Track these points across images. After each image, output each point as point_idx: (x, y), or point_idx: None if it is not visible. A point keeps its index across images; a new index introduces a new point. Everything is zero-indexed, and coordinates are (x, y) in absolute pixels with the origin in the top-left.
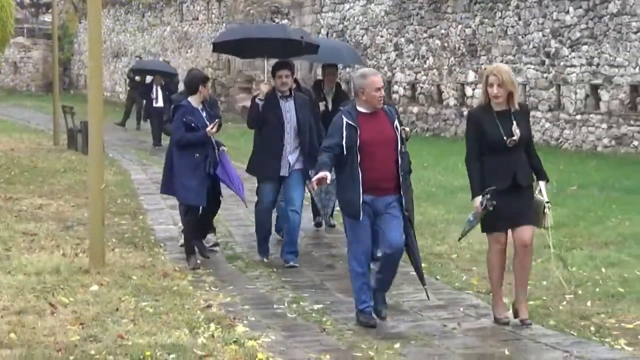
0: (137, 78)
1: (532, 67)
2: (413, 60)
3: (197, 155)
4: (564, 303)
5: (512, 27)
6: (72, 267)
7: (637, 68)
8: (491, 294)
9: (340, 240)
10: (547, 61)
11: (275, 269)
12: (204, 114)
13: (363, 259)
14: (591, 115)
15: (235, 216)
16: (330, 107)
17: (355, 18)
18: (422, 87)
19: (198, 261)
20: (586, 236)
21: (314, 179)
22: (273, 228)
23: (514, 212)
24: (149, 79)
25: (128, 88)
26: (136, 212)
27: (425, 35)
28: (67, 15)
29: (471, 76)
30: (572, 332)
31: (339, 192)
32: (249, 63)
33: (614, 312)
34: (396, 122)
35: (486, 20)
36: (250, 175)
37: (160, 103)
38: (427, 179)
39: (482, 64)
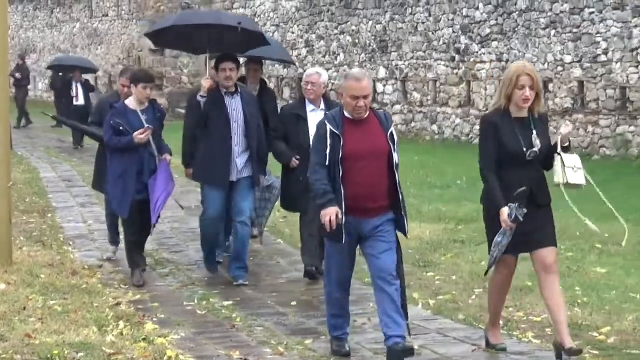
0: (18, 75)
1: (443, 63)
2: (324, 56)
3: (127, 160)
4: (473, 297)
5: (423, 23)
6: None
7: (546, 64)
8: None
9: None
10: (457, 57)
11: (186, 266)
12: (144, 117)
13: (341, 286)
14: None
15: None
16: None
17: (266, 14)
18: (333, 84)
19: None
20: None
21: (326, 221)
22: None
23: (531, 233)
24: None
25: (12, 88)
26: (45, 210)
27: (336, 31)
28: None
29: (382, 72)
30: (481, 326)
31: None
32: (159, 60)
33: (522, 306)
34: (392, 130)
35: (397, 16)
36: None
37: (81, 101)
38: None
39: (392, 60)
